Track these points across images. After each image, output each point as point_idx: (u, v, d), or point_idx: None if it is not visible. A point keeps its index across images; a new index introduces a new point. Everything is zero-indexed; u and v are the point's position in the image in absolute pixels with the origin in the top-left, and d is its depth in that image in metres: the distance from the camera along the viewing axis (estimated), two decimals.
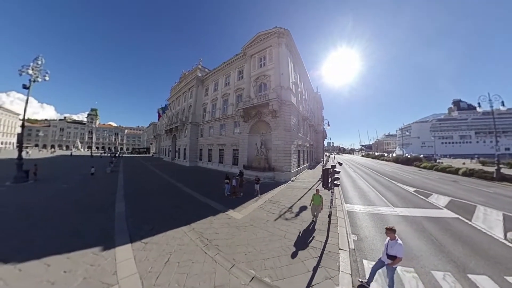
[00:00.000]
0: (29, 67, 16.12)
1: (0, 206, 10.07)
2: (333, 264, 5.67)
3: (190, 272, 5.23)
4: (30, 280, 4.72)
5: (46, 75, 17.11)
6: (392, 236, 4.50)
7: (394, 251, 4.38)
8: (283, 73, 21.31)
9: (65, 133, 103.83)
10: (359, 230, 8.34)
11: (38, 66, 16.55)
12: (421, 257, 6.27)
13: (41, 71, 16.78)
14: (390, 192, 15.42)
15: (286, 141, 19.69)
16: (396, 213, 10.53)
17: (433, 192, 15.22)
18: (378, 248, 6.78)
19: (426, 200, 13.20)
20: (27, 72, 16.03)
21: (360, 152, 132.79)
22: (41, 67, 16.74)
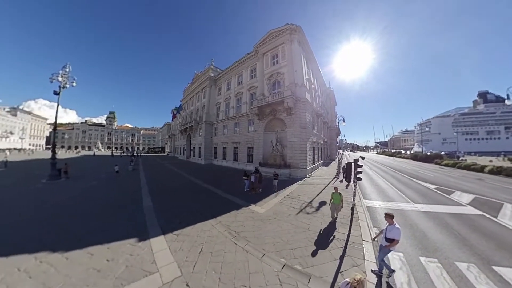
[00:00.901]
0: (59, 74, 17.37)
1: (41, 202, 11.06)
2: (358, 253, 5.90)
3: (224, 261, 5.57)
4: (78, 267, 5.18)
5: (73, 81, 18.37)
6: (390, 221, 4.87)
7: (392, 235, 4.75)
8: (297, 70, 21.20)
9: (87, 135, 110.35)
10: (380, 224, 8.42)
11: (66, 73, 17.77)
12: (444, 249, 6.37)
13: (69, 78, 18.02)
14: (410, 189, 15.04)
15: (302, 138, 19.64)
16: (417, 209, 10.36)
17: (455, 190, 14.65)
18: (400, 240, 6.83)
19: (448, 197, 12.76)
20: (57, 79, 17.29)
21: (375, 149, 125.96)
22: (68, 74, 17.96)
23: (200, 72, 43.98)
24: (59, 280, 4.64)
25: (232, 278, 4.86)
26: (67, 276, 4.76)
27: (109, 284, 4.51)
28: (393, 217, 4.91)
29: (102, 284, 4.51)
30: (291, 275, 4.95)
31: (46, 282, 4.54)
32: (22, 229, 7.46)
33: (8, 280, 4.63)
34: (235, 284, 4.66)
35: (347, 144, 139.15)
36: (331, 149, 46.52)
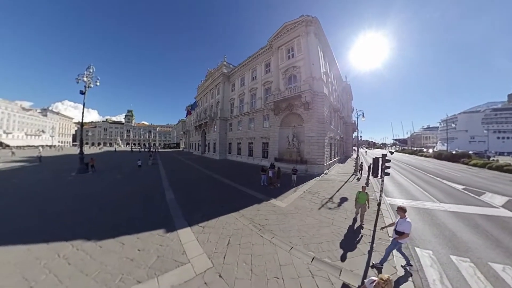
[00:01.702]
0: (84, 75, 18.28)
1: (72, 194, 11.79)
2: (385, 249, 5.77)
3: (253, 253, 5.60)
4: (111, 256, 5.39)
5: (97, 81, 19.27)
6: (402, 214, 4.96)
7: (402, 228, 4.81)
8: (314, 63, 20.59)
9: (108, 132, 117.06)
10: None
11: (90, 74, 18.65)
12: (476, 250, 6.11)
13: (93, 78, 18.90)
14: (434, 188, 14.17)
15: (320, 133, 19.17)
16: (444, 209, 9.81)
17: (486, 191, 13.49)
18: (428, 238, 6.79)
19: (478, 198, 11.84)
20: (83, 80, 18.22)
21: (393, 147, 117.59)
22: (92, 75, 18.84)
23: (213, 69, 44.35)
24: (95, 267, 4.85)
25: (263, 269, 4.89)
26: (102, 264, 4.97)
27: (143, 273, 4.65)
28: (405, 211, 4.99)
29: (136, 273, 4.65)
30: (322, 268, 4.97)
31: (84, 269, 4.77)
32: (58, 218, 7.99)
33: (50, 265, 4.93)
34: (267, 275, 4.68)
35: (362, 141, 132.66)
36: (347, 146, 45.08)
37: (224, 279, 4.56)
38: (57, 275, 4.52)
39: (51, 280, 4.38)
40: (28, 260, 5.10)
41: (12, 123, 65.93)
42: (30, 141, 70.80)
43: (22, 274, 4.53)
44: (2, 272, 4.62)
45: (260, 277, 4.60)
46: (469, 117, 79.84)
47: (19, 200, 10.29)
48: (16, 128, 67.38)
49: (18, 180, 15.59)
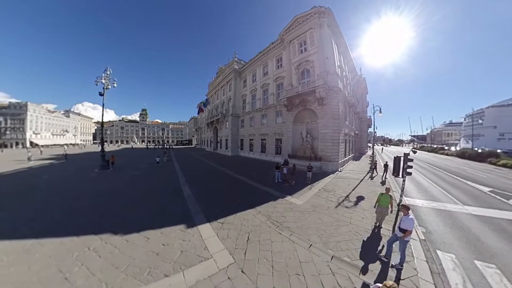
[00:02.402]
0: (102, 77, 19.00)
1: (97, 189, 12.48)
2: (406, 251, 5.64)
3: (273, 250, 5.65)
4: (138, 250, 5.60)
5: (114, 83, 20.00)
6: (405, 212, 5.05)
7: (405, 225, 4.87)
8: (328, 57, 19.89)
9: (124, 131, 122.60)
10: (426, 223, 7.94)
11: (107, 76, 19.35)
12: (502, 256, 5.71)
13: (110, 80, 19.59)
14: (457, 190, 13.22)
15: (334, 129, 18.65)
16: (468, 212, 9.18)
17: None
18: (450, 241, 6.55)
19: (506, 202, 10.86)
20: (101, 82, 18.95)
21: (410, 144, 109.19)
22: (109, 76, 19.51)
23: (224, 66, 44.43)
24: (124, 261, 5.08)
25: (284, 266, 4.93)
26: (130, 258, 5.20)
27: (169, 267, 4.82)
28: (408, 208, 5.12)
29: (163, 267, 4.83)
30: (341, 266, 4.95)
31: (114, 262, 5.00)
32: (85, 212, 8.47)
33: (81, 257, 5.22)
34: (289, 272, 4.73)
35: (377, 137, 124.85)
36: (361, 142, 43.58)
37: (247, 274, 4.64)
38: (89, 268, 4.78)
39: (84, 272, 4.64)
40: (61, 252, 5.45)
41: (40, 124, 71.30)
42: (56, 140, 76.12)
43: (57, 266, 4.85)
44: (39, 264, 4.96)
45: (281, 274, 4.64)
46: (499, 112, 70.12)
47: (50, 195, 11.07)
48: (43, 129, 72.80)
49: (48, 176, 16.78)
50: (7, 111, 63.75)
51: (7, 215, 8.10)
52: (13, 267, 4.83)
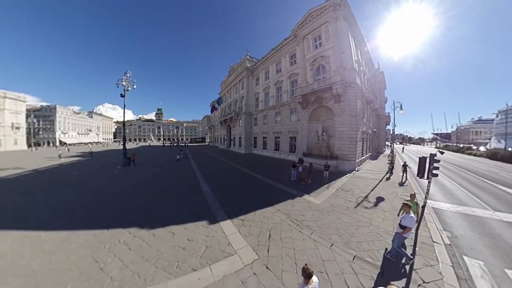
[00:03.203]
0: (122, 79, 19.89)
1: (121, 184, 13.20)
2: (429, 254, 5.56)
3: (295, 248, 5.69)
4: (165, 244, 5.84)
5: (134, 84, 20.90)
6: (407, 210, 5.22)
7: (405, 222, 5.00)
8: (345, 52, 19.19)
9: (141, 129, 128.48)
10: (452, 228, 7.52)
11: (127, 78, 20.22)
12: None
13: (130, 82, 20.47)
14: (487, 194, 12.09)
15: (352, 127, 18.03)
16: (499, 218, 8.40)
17: None
18: (478, 248, 6.16)
19: None
20: (122, 84, 19.87)
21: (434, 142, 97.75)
22: (129, 79, 20.39)
23: (236, 64, 44.60)
24: (153, 254, 5.33)
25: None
26: (158, 251, 5.45)
27: (196, 262, 5.00)
28: (410, 207, 5.28)
29: (190, 261, 5.03)
30: (364, 267, 4.91)
31: (143, 255, 5.27)
32: (113, 206, 9.02)
33: (113, 249, 5.56)
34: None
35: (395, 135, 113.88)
36: (379, 141, 41.32)
37: (272, 271, 4.72)
38: (121, 259, 5.09)
39: (117, 263, 4.94)
40: (94, 244, 5.84)
41: (67, 124, 77.65)
42: (81, 139, 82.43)
43: (93, 257, 5.21)
44: (77, 254, 5.37)
45: None
46: None
47: (80, 189, 11.90)
48: (70, 129, 79.12)
49: (77, 172, 18.06)
50: (39, 114, 69.77)
51: (45, 208, 8.87)
52: (54, 255, 5.28)
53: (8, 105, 45.80)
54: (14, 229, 6.79)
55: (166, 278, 4.41)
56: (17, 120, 48.13)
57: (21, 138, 49.70)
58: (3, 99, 44.85)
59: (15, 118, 47.80)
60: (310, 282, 3.02)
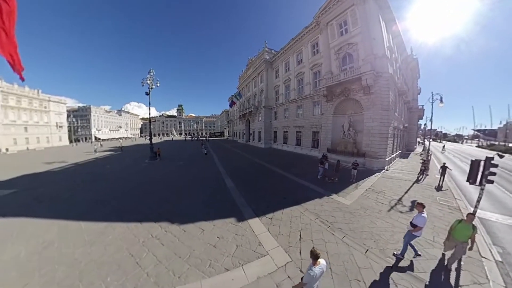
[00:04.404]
0: (147, 78, 20.58)
1: (149, 178, 13.87)
2: (477, 270, 4.96)
3: (328, 251, 5.38)
4: (195, 241, 5.84)
5: (157, 82, 21.57)
6: (420, 209, 5.09)
7: (416, 221, 4.97)
8: (375, 38, 17.43)
9: (164, 125, 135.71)
10: (503, 243, 6.43)
11: (151, 76, 20.87)
12: None
13: (154, 80, 21.11)
14: None
15: (383, 122, 16.49)
16: None
17: None
18: None
19: None
20: (147, 82, 20.57)
21: (475, 140, 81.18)
22: (153, 77, 21.01)
23: (254, 57, 43.88)
24: (185, 251, 5.36)
25: (342, 270, 4.70)
26: (190, 248, 5.46)
27: (228, 261, 4.92)
28: (424, 207, 5.13)
29: (222, 260, 4.95)
30: (403, 277, 4.55)
31: (176, 251, 5.32)
32: (143, 200, 9.41)
33: (147, 244, 5.69)
34: (348, 276, 4.51)
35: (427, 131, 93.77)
36: (409, 137, 36.63)
37: None
38: (156, 255, 5.18)
39: (152, 259, 5.03)
40: (129, 237, 6.06)
41: (100, 122, 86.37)
42: (112, 135, 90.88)
43: (128, 250, 5.38)
44: (113, 246, 5.60)
45: (341, 277, 4.47)
46: None
47: (114, 182, 12.77)
48: (103, 126, 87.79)
49: (110, 165, 19.52)
50: (77, 113, 78.60)
51: (84, 199, 9.62)
52: (93, 246, 5.60)
53: (53, 107, 51.71)
54: (60, 218, 7.42)
55: (200, 277, 4.39)
56: (60, 120, 54.24)
57: (64, 135, 56.01)
58: (48, 102, 50.68)
59: (58, 118, 53.88)
60: (318, 263, 3.29)
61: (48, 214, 7.78)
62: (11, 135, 39.84)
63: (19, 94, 42.74)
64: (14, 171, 16.57)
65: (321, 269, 3.24)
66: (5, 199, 9.85)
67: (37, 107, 47.35)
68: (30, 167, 18.59)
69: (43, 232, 6.44)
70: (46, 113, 49.90)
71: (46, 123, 49.74)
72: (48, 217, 7.56)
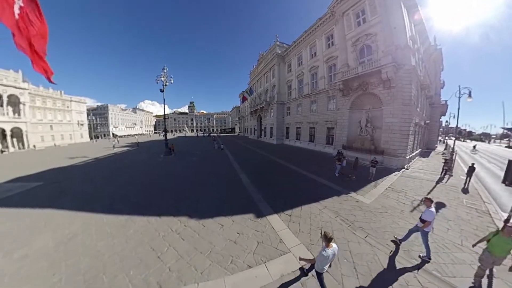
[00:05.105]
0: (161, 76, 20.85)
1: (165, 173, 14.18)
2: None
3: (351, 250, 5.20)
4: (215, 236, 5.82)
5: (171, 79, 21.79)
6: (428, 204, 5.11)
7: (425, 216, 4.97)
8: (396, 27, 16.34)
9: (177, 121, 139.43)
10: None
11: (165, 74, 21.11)
12: None
13: (167, 77, 21.34)
14: None
15: (404, 118, 15.53)
16: None
17: None
18: None
19: None
20: (161, 80, 20.86)
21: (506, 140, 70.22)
22: (166, 74, 21.24)
23: (265, 52, 43.16)
24: (206, 246, 5.34)
25: (367, 270, 4.55)
26: (211, 244, 5.43)
27: (250, 258, 4.86)
28: (432, 201, 5.15)
29: (244, 257, 4.89)
30: (431, 280, 4.31)
31: (197, 246, 5.32)
32: (160, 194, 9.62)
33: (167, 238, 5.74)
34: (373, 276, 4.36)
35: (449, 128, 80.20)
36: (430, 135, 33.79)
37: (331, 274, 4.35)
38: (177, 250, 5.20)
39: (173, 253, 5.06)
40: (149, 231, 6.17)
41: (117, 120, 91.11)
42: (128, 131, 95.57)
43: (149, 244, 5.46)
44: (135, 239, 5.70)
45: (365, 277, 4.34)
46: None
47: (132, 176, 13.20)
48: (119, 123, 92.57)
49: (127, 160, 20.28)
50: (96, 112, 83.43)
51: (104, 192, 10.03)
52: (116, 239, 5.74)
53: (74, 107, 55.20)
54: (83, 211, 7.75)
55: (223, 273, 4.36)
56: (81, 118, 57.88)
57: (85, 132, 59.71)
58: (70, 102, 54.17)
59: (79, 116, 57.56)
60: (330, 245, 3.51)
61: (72, 207, 8.17)
62: (38, 133, 42.79)
63: (45, 95, 45.82)
64: (42, 166, 17.73)
65: (333, 251, 3.53)
66: (34, 191, 10.54)
67: (61, 107, 50.55)
68: (55, 162, 19.81)
69: (68, 223, 6.76)
70: (68, 112, 53.08)
71: (68, 121, 52.93)
72: (72, 209, 7.94)
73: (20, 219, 7.17)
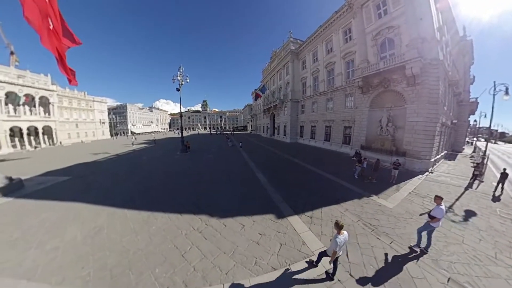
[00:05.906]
0: (177, 75, 21.30)
1: (182, 170, 14.50)
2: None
3: (376, 257, 5.04)
4: (237, 236, 5.80)
5: (187, 78, 22.26)
6: (438, 202, 5.23)
7: (434, 213, 5.16)
8: (423, 18, 15.17)
9: (190, 120, 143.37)
10: None
11: (181, 73, 21.57)
12: None
13: (183, 76, 21.81)
14: None
15: (430, 117, 14.50)
16: None
17: None
18: None
19: None
20: (177, 79, 21.32)
21: None
22: (182, 73, 21.70)
23: (278, 49, 42.50)
24: (228, 246, 5.34)
25: (395, 279, 4.37)
26: (234, 244, 5.43)
27: (274, 260, 4.82)
28: (442, 199, 5.22)
29: (268, 259, 4.85)
30: None
31: (219, 246, 5.33)
32: (179, 191, 9.87)
33: (190, 236, 5.79)
34: (401, 285, 4.20)
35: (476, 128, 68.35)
36: (457, 135, 31.00)
37: (356, 279, 4.29)
38: (200, 249, 5.23)
39: (196, 252, 5.09)
40: (171, 228, 6.27)
41: (135, 118, 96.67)
42: (145, 129, 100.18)
43: (172, 242, 5.52)
44: (158, 236, 5.82)
45: (392, 285, 4.20)
46: None
47: (151, 172, 13.72)
48: (137, 121, 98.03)
49: (146, 157, 21.14)
50: (116, 111, 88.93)
51: (126, 187, 10.49)
52: (139, 235, 5.90)
53: (96, 106, 59.27)
54: (107, 205, 8.11)
55: (247, 275, 4.37)
56: (102, 117, 61.98)
57: (106, 130, 63.96)
58: (93, 102, 58.27)
59: (101, 115, 61.65)
60: (342, 232, 4.03)
61: (97, 200, 8.61)
62: (65, 130, 46.43)
63: (70, 96, 49.70)
64: (69, 161, 19.02)
65: (345, 238, 4.06)
66: (62, 185, 11.30)
67: (84, 107, 54.49)
68: (80, 157, 21.17)
69: (94, 217, 7.11)
70: (91, 111, 57.14)
71: (91, 120, 56.95)
72: (97, 203, 8.35)
73: (51, 211, 7.65)
